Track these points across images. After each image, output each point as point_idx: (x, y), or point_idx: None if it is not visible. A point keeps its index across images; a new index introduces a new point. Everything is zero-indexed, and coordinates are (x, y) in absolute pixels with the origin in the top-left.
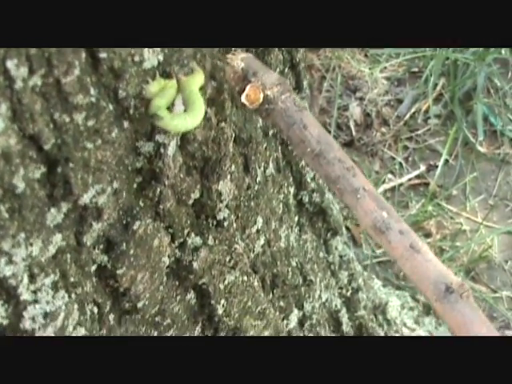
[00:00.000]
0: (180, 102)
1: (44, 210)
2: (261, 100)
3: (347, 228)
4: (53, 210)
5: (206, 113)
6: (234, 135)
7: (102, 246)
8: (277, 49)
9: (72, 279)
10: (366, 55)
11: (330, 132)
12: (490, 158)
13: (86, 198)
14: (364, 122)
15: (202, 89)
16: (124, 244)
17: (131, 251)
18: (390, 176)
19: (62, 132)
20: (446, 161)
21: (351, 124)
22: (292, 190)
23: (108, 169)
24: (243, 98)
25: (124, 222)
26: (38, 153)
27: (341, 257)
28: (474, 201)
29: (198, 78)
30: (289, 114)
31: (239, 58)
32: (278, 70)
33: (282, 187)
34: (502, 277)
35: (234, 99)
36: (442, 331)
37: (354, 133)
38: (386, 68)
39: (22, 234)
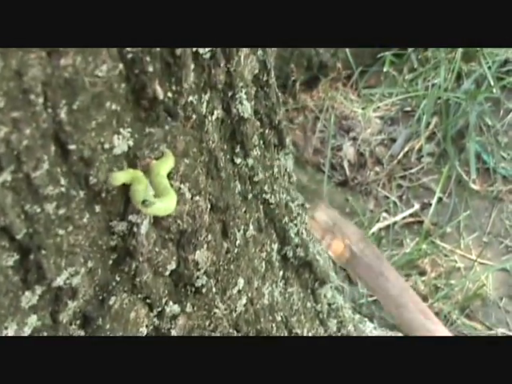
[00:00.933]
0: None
1: (18, 294)
2: (345, 253)
3: (342, 268)
4: (27, 293)
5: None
6: (209, 206)
7: (78, 322)
8: (252, 118)
9: None
10: (358, 95)
11: (323, 172)
12: (484, 196)
13: (59, 281)
14: (358, 162)
15: (171, 172)
16: (100, 319)
17: (107, 325)
18: (384, 214)
19: (33, 222)
20: (440, 199)
21: (345, 164)
22: (275, 246)
23: (81, 251)
24: (330, 252)
25: (100, 297)
26: (11, 242)
27: (329, 305)
28: (468, 238)
29: (167, 162)
30: (371, 265)
31: (323, 213)
32: (255, 135)
33: (265, 245)
34: (496, 314)
35: (210, 172)
36: None
37: (347, 172)
38: (379, 107)
39: None
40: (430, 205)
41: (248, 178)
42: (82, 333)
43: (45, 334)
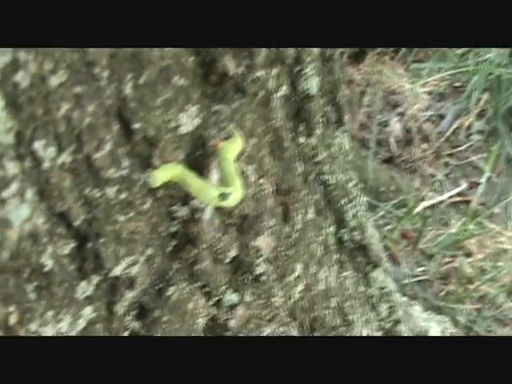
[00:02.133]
0: (215, 169)
1: (73, 284)
2: None
3: (386, 247)
4: (83, 283)
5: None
6: (273, 188)
7: (134, 313)
8: (317, 95)
9: None
10: (407, 69)
11: (369, 148)
12: None
13: (117, 270)
14: (404, 138)
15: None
16: (157, 311)
17: (165, 317)
18: (430, 193)
19: (92, 207)
20: (489, 178)
21: (391, 140)
22: (332, 228)
23: (141, 238)
24: None
25: (157, 287)
26: (68, 229)
27: (381, 289)
28: None
29: (235, 144)
30: None
31: None
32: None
33: (322, 229)
34: None
35: (273, 152)
36: None
37: (394, 149)
38: (427, 83)
39: (50, 312)
40: (478, 184)
41: (309, 159)
42: (137, 325)
43: (99, 326)
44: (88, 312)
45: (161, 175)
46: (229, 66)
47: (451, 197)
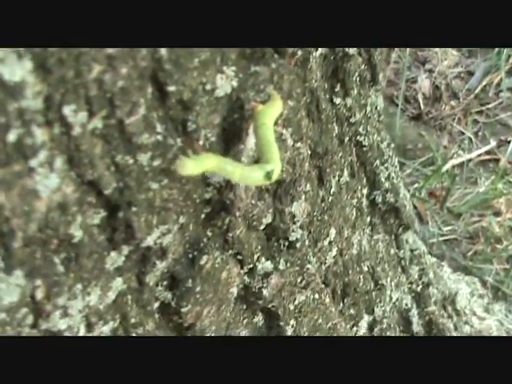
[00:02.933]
0: (251, 133)
1: (103, 255)
2: None
3: (413, 205)
4: (113, 253)
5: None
6: (309, 152)
7: (165, 283)
8: (356, 53)
9: (133, 320)
10: None
11: (397, 105)
12: None
13: (149, 240)
14: (433, 95)
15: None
16: (190, 281)
17: (198, 288)
18: (458, 151)
19: (124, 175)
20: None
21: (419, 97)
22: (365, 191)
23: (174, 206)
24: None
25: (190, 256)
26: (98, 198)
27: (412, 251)
28: None
29: (274, 108)
30: None
31: None
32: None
33: (356, 191)
34: None
35: (310, 114)
36: None
37: (422, 106)
38: None
39: (78, 285)
40: (508, 142)
41: (345, 120)
42: (169, 295)
43: (129, 298)
44: (118, 284)
45: (193, 166)
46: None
47: (480, 155)
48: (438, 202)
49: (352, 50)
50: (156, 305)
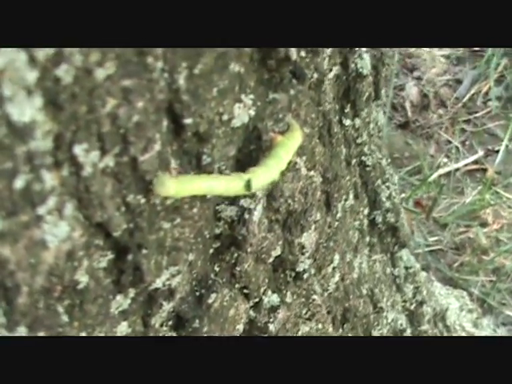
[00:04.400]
0: None
1: (108, 299)
2: None
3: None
4: (119, 297)
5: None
6: (321, 180)
7: (170, 323)
8: (369, 73)
9: None
10: None
11: (384, 112)
12: None
13: (158, 283)
14: (421, 103)
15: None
16: (197, 321)
17: (205, 328)
18: (445, 160)
19: (135, 215)
20: (506, 146)
21: (407, 105)
22: (366, 211)
23: (185, 245)
24: None
25: (197, 293)
26: (106, 240)
27: (406, 269)
28: None
29: (294, 140)
30: None
31: None
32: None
33: (358, 213)
34: None
35: (322, 138)
36: (501, 333)
37: (409, 114)
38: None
39: (83, 334)
40: (496, 152)
41: (352, 141)
42: (173, 334)
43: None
44: (123, 328)
45: (176, 187)
46: (292, 50)
47: (467, 165)
48: (424, 212)
49: (366, 70)
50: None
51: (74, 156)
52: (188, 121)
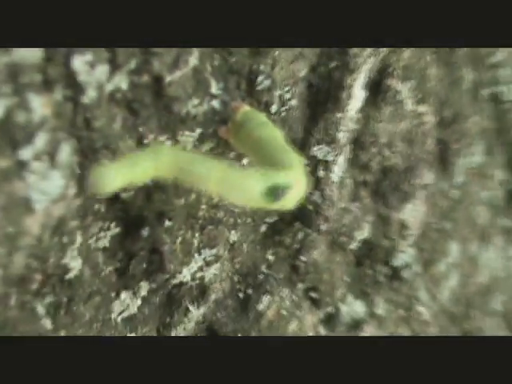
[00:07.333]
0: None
1: (109, 298)
2: None
3: None
4: (124, 294)
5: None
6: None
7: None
8: None
9: None
10: None
11: None
12: None
13: (185, 274)
14: None
15: None
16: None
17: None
18: None
19: None
20: None
21: None
22: (502, 174)
23: (226, 217)
24: None
25: (241, 295)
26: (110, 204)
27: None
28: None
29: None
30: None
31: None
32: None
33: (490, 178)
34: None
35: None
36: None
37: None
38: None
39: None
40: None
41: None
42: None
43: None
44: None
45: (121, 174)
46: None
47: None
48: None
49: None
50: None
51: (72, 72)
52: None
